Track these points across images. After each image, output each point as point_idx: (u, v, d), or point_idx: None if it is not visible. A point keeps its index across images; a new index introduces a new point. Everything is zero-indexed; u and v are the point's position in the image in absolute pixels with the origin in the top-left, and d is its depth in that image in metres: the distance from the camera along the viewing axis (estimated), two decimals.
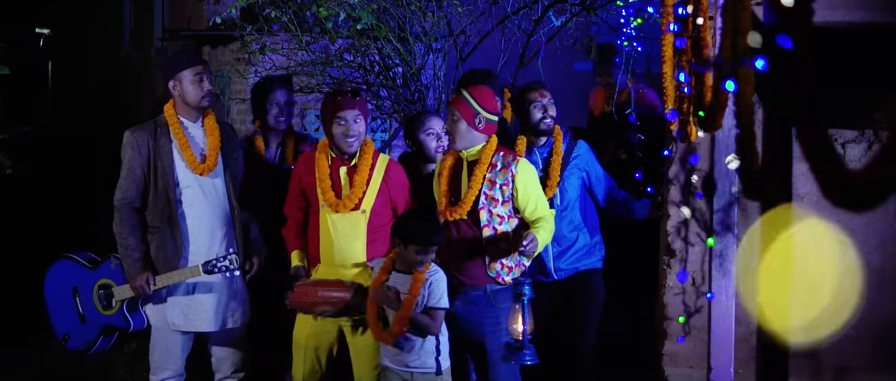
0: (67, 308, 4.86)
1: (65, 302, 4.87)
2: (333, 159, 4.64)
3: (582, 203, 5.16)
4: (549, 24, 6.76)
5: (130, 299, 4.67)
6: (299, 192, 4.71)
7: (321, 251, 4.63)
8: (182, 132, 4.66)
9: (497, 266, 4.57)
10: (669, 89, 4.18)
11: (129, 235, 4.61)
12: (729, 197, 4.78)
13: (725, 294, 4.82)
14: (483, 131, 4.59)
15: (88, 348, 4.84)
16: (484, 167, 4.56)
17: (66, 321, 4.89)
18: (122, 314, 4.69)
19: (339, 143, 4.58)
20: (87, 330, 4.81)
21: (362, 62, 6.79)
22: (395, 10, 6.40)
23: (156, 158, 4.62)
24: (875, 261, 4.83)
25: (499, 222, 4.56)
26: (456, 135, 4.59)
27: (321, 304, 4.50)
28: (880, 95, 4.80)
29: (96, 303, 4.79)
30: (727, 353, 4.83)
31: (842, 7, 4.58)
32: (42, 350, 6.35)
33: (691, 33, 3.70)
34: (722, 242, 4.79)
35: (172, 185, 4.62)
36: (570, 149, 5.14)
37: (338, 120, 4.55)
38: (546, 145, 5.13)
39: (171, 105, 4.73)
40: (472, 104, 4.55)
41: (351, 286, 4.48)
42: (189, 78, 4.66)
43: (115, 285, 4.70)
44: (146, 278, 4.57)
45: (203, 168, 4.65)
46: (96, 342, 4.81)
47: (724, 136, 4.73)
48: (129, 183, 4.64)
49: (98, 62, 14.51)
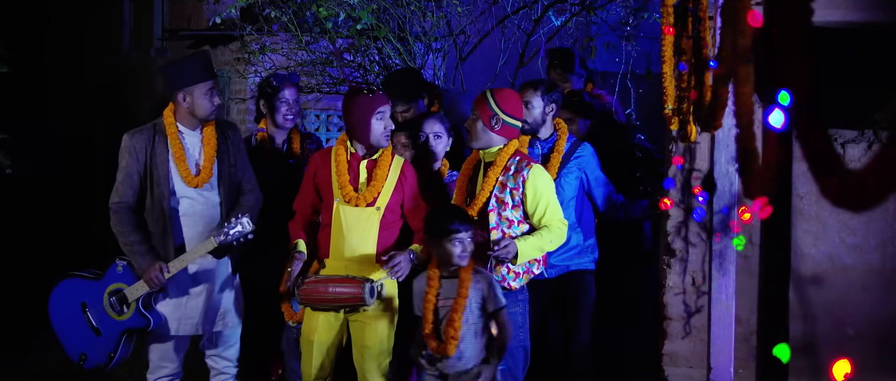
0: (79, 327, 4.72)
1: (75, 321, 4.73)
2: (353, 154, 4.66)
3: (578, 204, 5.15)
4: (549, 23, 6.77)
5: (145, 297, 4.58)
6: (313, 187, 4.71)
7: (332, 246, 4.62)
8: (179, 143, 4.63)
9: (502, 270, 4.57)
10: (669, 89, 4.19)
11: (131, 232, 4.57)
12: (729, 197, 4.78)
13: (725, 294, 4.82)
14: (500, 133, 4.60)
15: (109, 360, 4.67)
16: (498, 169, 4.57)
17: (79, 340, 4.73)
18: (138, 314, 4.60)
19: (377, 138, 4.60)
20: (104, 342, 4.67)
21: (362, 62, 6.80)
22: (395, 9, 6.41)
23: (152, 166, 4.59)
24: (874, 261, 4.83)
25: (508, 226, 4.56)
26: (472, 133, 4.63)
27: (332, 300, 4.50)
28: (880, 94, 4.80)
29: (109, 311, 4.67)
30: (727, 353, 4.83)
31: (841, 7, 4.59)
32: (42, 351, 6.35)
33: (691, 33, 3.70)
34: (722, 241, 4.79)
35: (168, 194, 4.60)
36: (572, 148, 5.14)
37: (378, 115, 4.58)
38: (549, 141, 5.13)
39: (171, 111, 4.66)
40: (492, 105, 4.58)
41: (362, 282, 4.49)
42: (202, 91, 4.61)
43: (126, 287, 4.60)
44: (159, 268, 4.53)
45: (197, 181, 4.62)
46: (117, 351, 4.66)
47: (723, 135, 4.74)
48: (126, 188, 4.61)
49: (97, 62, 14.52)
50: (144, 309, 4.60)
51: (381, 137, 4.62)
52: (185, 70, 4.63)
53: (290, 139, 5.41)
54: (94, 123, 13.36)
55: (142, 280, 4.55)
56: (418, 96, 5.51)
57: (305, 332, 4.70)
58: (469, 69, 6.59)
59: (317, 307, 4.60)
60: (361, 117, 4.58)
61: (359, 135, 4.63)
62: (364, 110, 4.59)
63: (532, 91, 5.08)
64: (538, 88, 5.09)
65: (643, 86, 7.19)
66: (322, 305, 4.56)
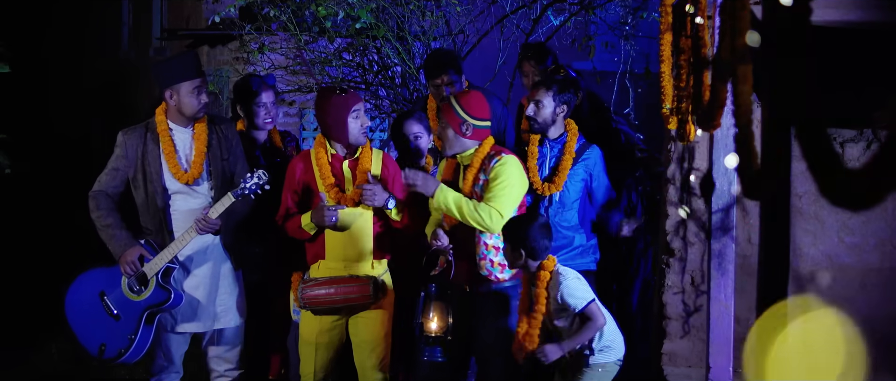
0: (97, 316, 4.69)
1: (93, 312, 4.70)
2: (334, 156, 4.64)
3: (581, 205, 5.15)
4: (548, 23, 6.77)
5: (164, 270, 4.56)
6: (293, 194, 4.69)
7: (328, 247, 4.61)
8: (169, 140, 4.65)
9: (487, 264, 4.55)
10: (668, 88, 4.19)
11: (107, 215, 4.58)
12: (728, 196, 4.78)
13: (724, 293, 4.82)
14: (472, 138, 4.57)
15: (130, 344, 4.58)
16: (474, 170, 4.56)
17: (98, 331, 4.69)
18: (159, 288, 4.56)
19: (355, 137, 4.60)
20: (124, 326, 4.62)
21: (361, 62, 6.80)
22: (394, 9, 6.40)
23: (144, 163, 4.62)
24: (873, 260, 4.83)
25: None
26: (445, 142, 4.61)
27: (341, 302, 4.50)
28: (879, 94, 4.80)
29: (128, 293, 4.64)
30: (726, 352, 4.83)
31: (840, 6, 4.59)
32: (42, 351, 6.35)
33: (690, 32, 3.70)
34: (721, 241, 4.79)
35: (161, 191, 4.62)
36: (581, 150, 5.11)
37: (353, 113, 4.58)
38: (559, 141, 5.11)
39: (163, 109, 4.70)
40: (459, 112, 4.54)
41: (368, 280, 4.49)
42: (187, 90, 4.63)
43: (143, 265, 4.60)
44: (139, 254, 4.53)
45: (187, 177, 4.64)
46: (137, 333, 4.58)
47: (722, 135, 4.74)
48: (109, 179, 4.66)
49: (96, 62, 14.52)
50: (165, 282, 4.57)
51: (358, 135, 4.60)
52: (171, 68, 4.67)
53: (271, 137, 5.44)
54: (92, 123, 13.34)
55: (160, 254, 4.54)
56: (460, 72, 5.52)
57: (304, 334, 4.69)
58: (468, 68, 6.57)
59: (322, 311, 4.59)
60: (337, 118, 4.56)
61: (336, 135, 4.61)
62: (339, 110, 4.56)
63: (544, 90, 5.05)
64: (550, 88, 5.04)
65: (642, 85, 7.19)
66: (329, 307, 4.55)
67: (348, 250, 4.59)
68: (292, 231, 4.67)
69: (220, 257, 4.75)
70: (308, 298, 4.53)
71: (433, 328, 4.40)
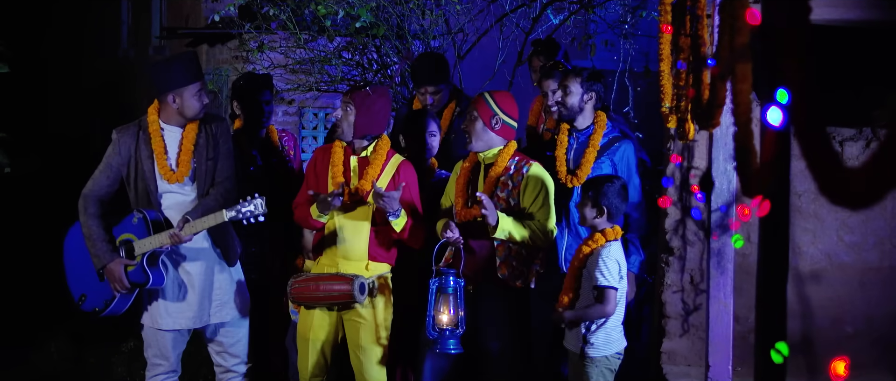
0: (86, 268, 4.72)
1: (83, 262, 4.73)
2: (345, 149, 4.67)
3: None
4: (548, 22, 6.76)
5: (151, 254, 4.58)
6: (313, 183, 4.72)
7: (325, 243, 4.63)
8: (160, 139, 4.65)
9: (508, 269, 4.57)
10: (667, 87, 4.19)
11: (91, 221, 4.60)
12: (727, 195, 4.79)
13: (723, 292, 4.82)
14: (499, 133, 4.60)
15: (105, 307, 4.63)
16: (499, 169, 4.57)
17: (83, 281, 4.74)
18: (140, 269, 4.56)
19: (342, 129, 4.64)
20: (104, 288, 4.65)
21: (360, 60, 6.79)
22: (394, 7, 6.40)
23: (137, 162, 4.63)
24: (872, 259, 4.84)
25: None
26: (472, 134, 4.62)
27: (323, 298, 4.52)
28: (878, 92, 4.81)
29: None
30: (725, 351, 4.83)
31: (840, 5, 4.59)
32: (42, 350, 6.35)
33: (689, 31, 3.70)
34: (720, 240, 4.79)
35: (153, 190, 4.64)
36: (609, 143, 5.03)
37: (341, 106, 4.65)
38: (585, 132, 5.05)
39: (155, 109, 4.69)
40: (491, 105, 4.59)
41: (351, 279, 4.49)
42: (192, 93, 4.64)
43: (136, 240, 4.59)
44: (123, 265, 4.54)
45: (175, 177, 4.65)
46: (112, 301, 4.61)
47: (721, 134, 4.74)
48: (103, 177, 4.66)
49: (96, 61, 14.51)
50: (148, 267, 4.57)
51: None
52: (174, 72, 4.65)
53: (269, 135, 5.44)
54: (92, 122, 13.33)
55: (152, 236, 4.55)
56: (447, 82, 5.56)
57: (301, 330, 4.71)
58: (467, 68, 6.58)
59: (309, 306, 4.62)
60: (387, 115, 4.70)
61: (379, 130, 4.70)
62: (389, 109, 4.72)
63: (573, 76, 5.01)
64: (580, 75, 5.02)
65: (641, 84, 7.18)
66: (314, 303, 4.58)
67: (341, 249, 4.60)
68: (301, 219, 4.70)
69: (215, 253, 4.76)
70: (294, 293, 4.60)
71: (444, 321, 4.40)
